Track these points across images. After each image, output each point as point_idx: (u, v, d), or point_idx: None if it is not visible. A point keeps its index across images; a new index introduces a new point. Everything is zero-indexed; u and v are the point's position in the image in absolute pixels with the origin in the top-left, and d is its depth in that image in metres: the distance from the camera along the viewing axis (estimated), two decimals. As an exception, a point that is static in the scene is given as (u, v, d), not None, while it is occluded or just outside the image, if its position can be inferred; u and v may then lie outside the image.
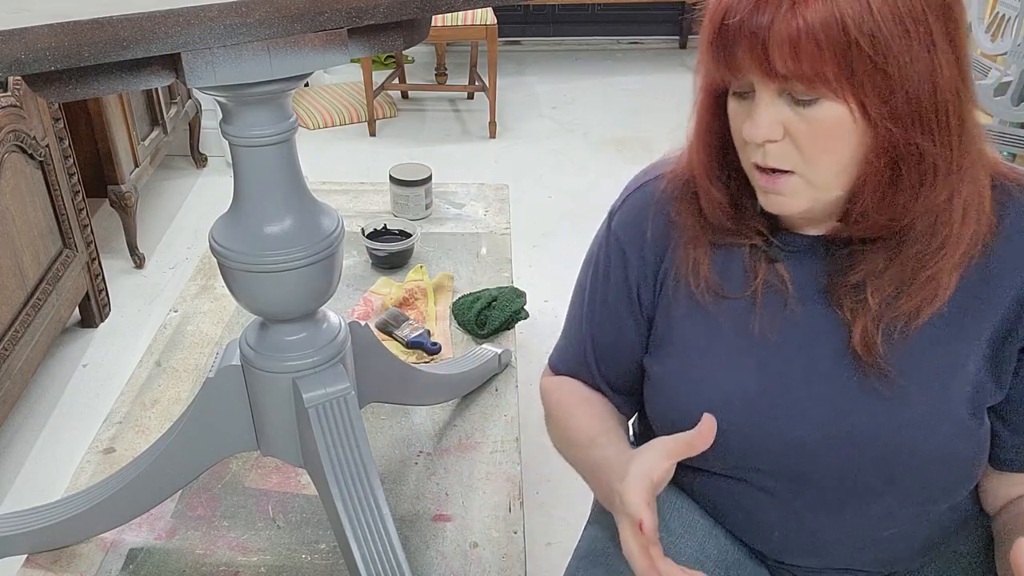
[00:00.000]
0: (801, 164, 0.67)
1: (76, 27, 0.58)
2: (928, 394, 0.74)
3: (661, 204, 0.83)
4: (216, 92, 0.75)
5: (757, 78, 0.66)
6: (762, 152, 0.68)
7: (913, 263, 0.71)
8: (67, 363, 2.07)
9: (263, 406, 0.95)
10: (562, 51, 4.45)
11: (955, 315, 0.73)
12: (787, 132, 0.67)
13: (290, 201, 0.83)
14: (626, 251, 0.85)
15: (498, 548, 1.04)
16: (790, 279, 0.77)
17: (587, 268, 0.91)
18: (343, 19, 0.67)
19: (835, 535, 0.82)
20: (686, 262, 0.81)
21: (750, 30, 0.63)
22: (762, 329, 0.78)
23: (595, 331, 0.91)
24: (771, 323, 0.78)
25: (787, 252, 0.77)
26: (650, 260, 0.84)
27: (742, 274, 0.79)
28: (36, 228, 1.87)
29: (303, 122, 3.44)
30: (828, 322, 0.76)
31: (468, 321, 1.43)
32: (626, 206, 0.86)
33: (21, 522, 1.02)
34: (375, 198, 1.86)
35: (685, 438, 0.70)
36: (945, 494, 0.78)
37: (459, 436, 1.22)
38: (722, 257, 0.80)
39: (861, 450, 0.75)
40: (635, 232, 0.84)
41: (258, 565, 1.01)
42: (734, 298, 0.79)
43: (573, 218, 2.75)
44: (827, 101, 0.64)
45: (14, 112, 1.75)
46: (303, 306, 0.88)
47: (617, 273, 0.86)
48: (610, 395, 0.93)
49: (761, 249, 0.78)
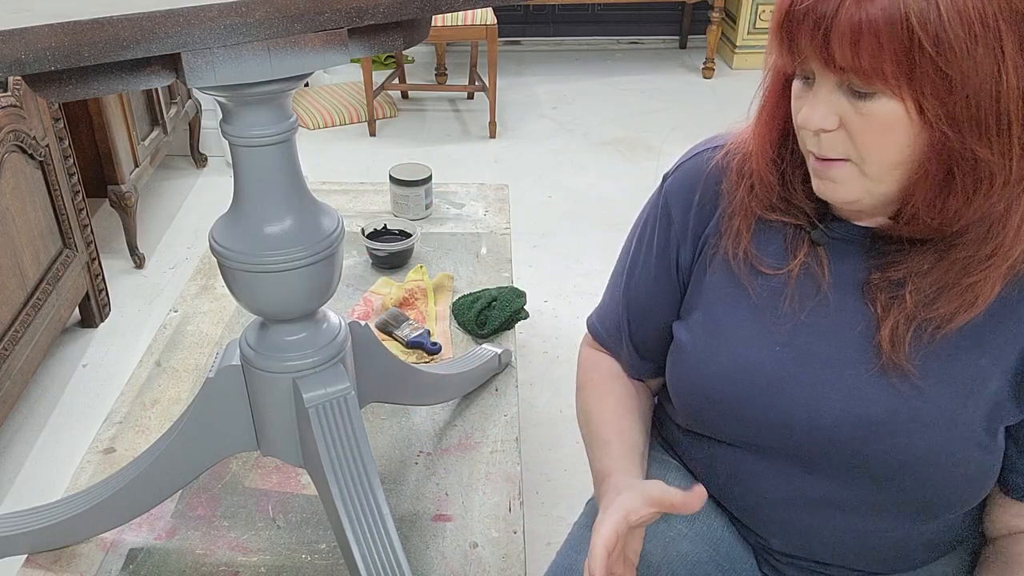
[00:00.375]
0: (854, 154, 0.68)
1: (76, 27, 0.58)
2: (945, 400, 0.73)
3: (714, 173, 0.84)
4: (216, 92, 0.75)
5: (818, 67, 0.66)
6: (817, 139, 0.69)
7: (958, 269, 0.70)
8: (67, 363, 2.07)
9: (263, 406, 0.95)
10: (562, 51, 4.45)
11: (986, 329, 0.72)
12: (842, 123, 0.67)
13: (290, 201, 0.83)
14: (672, 213, 0.87)
15: (498, 548, 1.04)
16: (828, 265, 0.78)
17: (634, 230, 0.93)
18: (343, 19, 0.67)
19: (827, 525, 0.82)
20: (729, 231, 0.82)
21: (814, 18, 0.63)
22: (792, 308, 0.79)
23: (632, 290, 0.93)
24: (801, 304, 0.79)
25: (831, 238, 0.78)
26: (694, 224, 0.85)
27: (782, 252, 0.80)
28: (36, 228, 1.87)
29: (303, 122, 3.44)
30: (858, 314, 0.76)
31: (468, 321, 1.43)
32: (680, 171, 0.88)
33: (21, 522, 1.02)
34: (375, 198, 1.86)
35: (672, 497, 0.73)
36: (944, 505, 0.77)
37: (459, 436, 1.22)
38: (765, 232, 0.81)
39: (871, 441, 0.75)
40: (684, 195, 0.86)
41: (258, 565, 1.01)
42: (770, 273, 0.80)
43: (573, 218, 2.75)
44: (884, 97, 0.64)
45: (14, 112, 1.75)
46: (303, 306, 0.88)
47: (661, 234, 0.88)
48: (634, 359, 0.96)
49: (805, 230, 0.78)
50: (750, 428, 0.81)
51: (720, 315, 0.83)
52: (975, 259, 0.69)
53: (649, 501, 0.74)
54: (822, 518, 0.82)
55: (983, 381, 0.73)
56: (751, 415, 0.80)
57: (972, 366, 0.73)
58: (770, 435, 0.80)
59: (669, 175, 0.89)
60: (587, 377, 0.99)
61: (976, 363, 0.73)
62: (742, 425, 0.81)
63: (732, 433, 0.83)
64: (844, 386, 0.76)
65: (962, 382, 0.73)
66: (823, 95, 0.67)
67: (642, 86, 3.95)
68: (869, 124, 0.65)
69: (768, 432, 0.80)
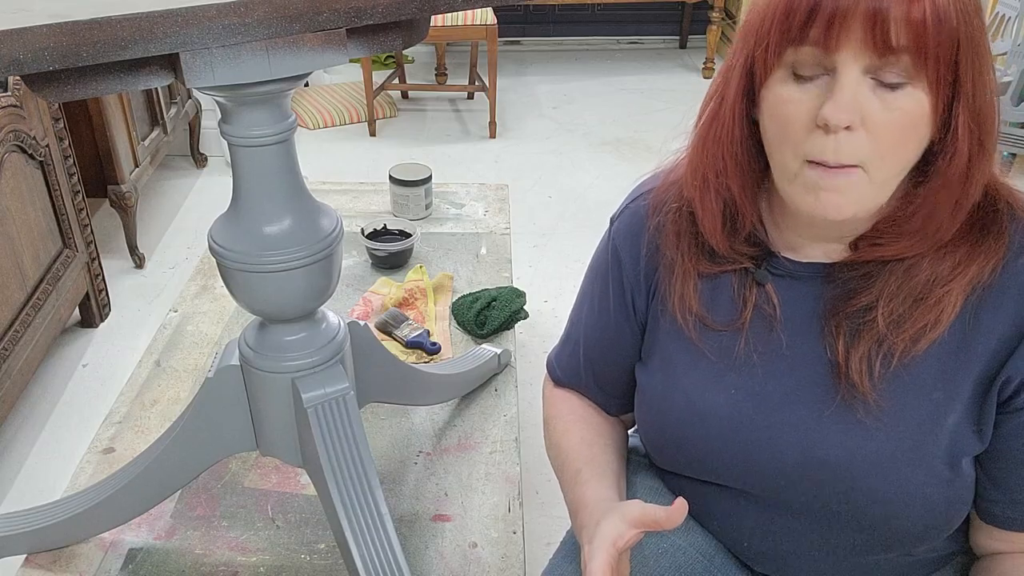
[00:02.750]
0: (871, 158, 0.64)
1: (75, 27, 0.58)
2: (903, 438, 0.72)
3: (654, 221, 0.83)
4: (215, 92, 0.75)
5: (852, 53, 0.62)
6: (833, 141, 0.63)
7: (928, 283, 0.69)
8: (67, 363, 2.07)
9: (262, 406, 0.95)
10: (562, 51, 4.45)
11: (940, 362, 0.72)
12: (863, 121, 0.63)
13: (289, 201, 0.83)
14: (622, 258, 0.85)
15: (498, 548, 1.04)
16: (779, 304, 0.76)
17: (589, 273, 0.92)
18: (342, 19, 0.67)
19: (805, 555, 0.82)
20: (672, 292, 0.81)
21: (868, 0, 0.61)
22: (747, 351, 0.78)
23: (590, 335, 0.92)
24: (755, 346, 0.78)
25: (777, 276, 0.76)
26: (644, 270, 0.84)
27: (730, 303, 0.78)
28: (36, 228, 1.87)
29: (303, 122, 3.44)
30: (813, 353, 0.75)
31: (468, 321, 1.43)
32: (624, 216, 0.86)
33: (21, 522, 1.02)
34: (375, 198, 1.86)
35: (655, 514, 0.71)
36: (915, 540, 0.77)
37: (459, 436, 1.22)
38: (710, 287, 0.79)
39: (832, 483, 0.75)
40: (631, 244, 0.85)
41: (257, 565, 1.01)
42: (722, 330, 0.79)
43: (573, 218, 2.75)
44: (911, 87, 0.63)
45: (14, 112, 1.75)
46: (302, 306, 0.88)
47: (614, 279, 0.87)
48: (600, 397, 0.95)
49: (750, 273, 0.77)
50: (713, 471, 0.81)
51: (675, 361, 0.82)
52: (941, 273, 0.69)
53: (632, 522, 0.72)
54: (798, 547, 0.82)
55: (941, 415, 0.72)
56: (713, 459, 0.80)
57: (927, 400, 0.72)
58: (734, 477, 0.80)
59: (615, 219, 0.87)
60: (554, 411, 0.97)
61: (930, 397, 0.72)
62: (705, 467, 0.82)
63: (699, 472, 0.83)
64: (803, 427, 0.75)
65: (919, 419, 0.72)
66: (849, 87, 0.62)
67: (642, 86, 3.95)
68: (894, 119, 0.63)
69: (731, 474, 0.80)
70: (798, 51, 0.64)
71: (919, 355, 0.71)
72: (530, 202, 2.86)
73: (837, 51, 0.62)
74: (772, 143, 0.69)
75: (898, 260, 0.70)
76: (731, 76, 0.71)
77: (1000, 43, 2.32)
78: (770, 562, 0.85)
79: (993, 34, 2.36)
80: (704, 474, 0.83)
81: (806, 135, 0.65)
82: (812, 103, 0.64)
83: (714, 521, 0.87)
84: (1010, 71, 2.27)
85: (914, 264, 0.70)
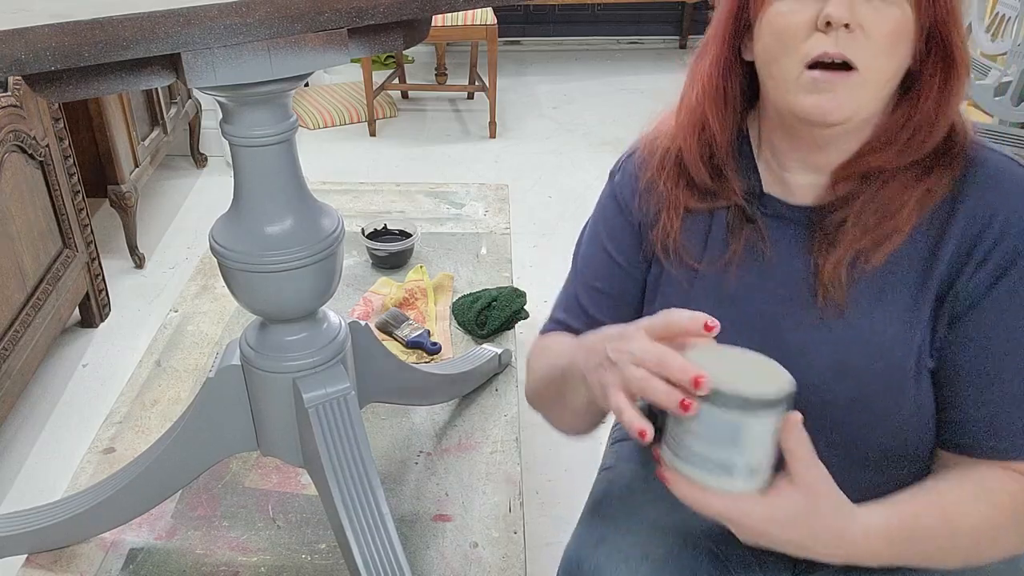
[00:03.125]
0: (869, 59, 0.69)
1: (76, 27, 0.58)
2: (881, 349, 0.76)
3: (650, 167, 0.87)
4: (216, 92, 0.75)
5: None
6: (833, 38, 0.68)
7: (891, 197, 0.74)
8: (67, 363, 2.06)
9: (263, 406, 0.95)
10: (562, 51, 4.45)
11: (909, 282, 0.75)
12: (860, 25, 0.68)
13: (290, 201, 0.83)
14: (629, 206, 0.89)
15: (498, 548, 1.04)
16: (769, 238, 0.80)
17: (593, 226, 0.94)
18: (343, 19, 0.67)
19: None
20: (659, 229, 0.84)
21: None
22: (736, 287, 0.81)
23: (590, 279, 0.92)
24: (743, 279, 0.81)
25: (767, 216, 0.80)
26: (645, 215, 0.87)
27: (722, 242, 0.82)
28: (36, 228, 1.87)
29: (303, 122, 3.44)
30: (802, 278, 0.79)
31: (468, 321, 1.43)
32: (625, 169, 0.91)
33: (21, 522, 1.02)
34: (375, 198, 1.86)
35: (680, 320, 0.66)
36: (894, 458, 0.79)
37: (459, 436, 1.22)
38: (701, 224, 0.83)
39: (826, 388, 0.77)
40: (631, 193, 0.89)
41: (258, 565, 1.01)
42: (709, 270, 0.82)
43: (573, 218, 2.75)
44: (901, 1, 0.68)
45: (14, 112, 1.75)
46: (303, 306, 0.88)
47: (627, 222, 0.89)
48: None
49: (741, 209, 0.81)
50: None
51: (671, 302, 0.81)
52: (907, 182, 0.74)
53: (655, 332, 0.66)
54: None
55: (911, 333, 0.75)
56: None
57: (898, 318, 0.76)
58: None
59: (616, 172, 0.92)
60: (536, 349, 0.92)
61: (901, 317, 0.76)
62: None
63: None
64: (792, 350, 0.78)
65: (893, 333, 0.76)
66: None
67: (642, 86, 3.95)
68: (887, 23, 0.68)
69: None
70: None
71: (891, 271, 0.75)
72: (530, 202, 2.86)
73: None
74: (770, 56, 0.73)
75: (873, 176, 0.75)
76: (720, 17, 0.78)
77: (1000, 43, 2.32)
78: None
79: (993, 34, 2.35)
80: None
81: (805, 36, 0.70)
82: (809, 12, 0.70)
83: None
84: (1010, 71, 2.27)
85: (886, 181, 0.75)
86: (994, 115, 2.34)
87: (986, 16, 2.39)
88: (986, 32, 2.36)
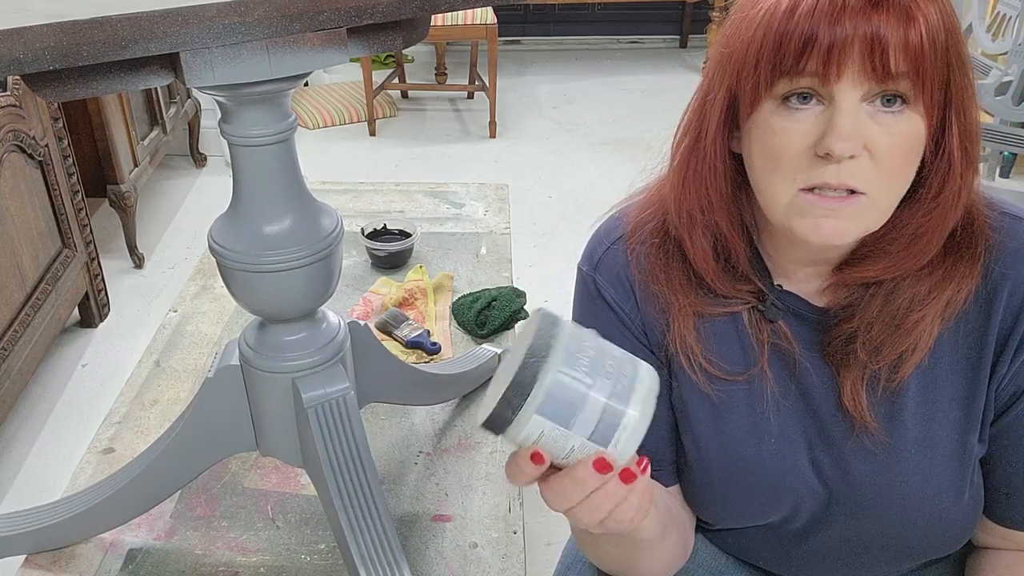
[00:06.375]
0: (876, 184, 0.62)
1: (75, 27, 0.58)
2: (916, 453, 0.72)
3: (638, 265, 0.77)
4: (215, 92, 0.75)
5: (851, 82, 0.60)
6: (835, 169, 0.61)
7: (904, 309, 0.69)
8: (67, 363, 2.07)
9: (262, 406, 0.95)
10: (562, 51, 4.45)
11: (932, 377, 0.72)
12: (866, 149, 0.62)
13: (289, 201, 0.83)
14: (619, 305, 0.79)
15: (498, 548, 1.04)
16: (793, 335, 0.74)
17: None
18: (342, 18, 0.67)
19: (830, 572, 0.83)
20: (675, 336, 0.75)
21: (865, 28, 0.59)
22: (775, 399, 0.75)
23: None
24: (784, 390, 0.75)
25: (782, 312, 0.74)
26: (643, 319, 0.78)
27: (745, 348, 0.75)
28: (35, 228, 1.87)
29: (303, 122, 3.44)
30: (828, 378, 0.74)
31: (468, 321, 1.43)
32: (605, 263, 0.79)
33: (21, 522, 1.02)
34: (375, 198, 1.86)
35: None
36: (936, 551, 0.78)
37: (459, 436, 1.22)
38: (715, 331, 0.75)
39: (863, 514, 0.75)
40: (620, 290, 0.78)
41: (257, 565, 1.01)
42: (741, 379, 0.76)
43: (573, 218, 2.75)
44: (910, 112, 0.61)
45: (13, 112, 1.75)
46: (302, 306, 0.88)
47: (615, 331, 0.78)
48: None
49: (759, 311, 0.74)
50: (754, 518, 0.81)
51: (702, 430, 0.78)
52: (918, 296, 0.68)
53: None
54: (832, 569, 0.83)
55: (944, 425, 0.72)
56: (756, 508, 0.79)
57: (928, 415, 0.72)
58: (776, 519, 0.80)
59: (594, 269, 0.80)
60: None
61: (933, 409, 0.72)
62: (747, 515, 0.81)
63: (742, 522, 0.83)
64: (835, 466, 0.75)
65: (926, 431, 0.72)
66: (850, 115, 0.61)
67: (642, 86, 3.95)
68: (896, 144, 0.62)
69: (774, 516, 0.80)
70: (792, 82, 0.62)
71: (934, 372, 0.71)
72: (530, 202, 2.86)
73: (838, 81, 0.60)
74: (761, 174, 0.66)
75: (878, 283, 0.70)
76: (710, 110, 0.68)
77: (1000, 43, 2.32)
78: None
79: (994, 34, 2.35)
80: (747, 522, 0.82)
81: (803, 165, 0.63)
82: (806, 133, 0.62)
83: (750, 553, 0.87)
84: (1010, 71, 2.27)
85: (894, 289, 0.69)
86: (995, 115, 2.34)
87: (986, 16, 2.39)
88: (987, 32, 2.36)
